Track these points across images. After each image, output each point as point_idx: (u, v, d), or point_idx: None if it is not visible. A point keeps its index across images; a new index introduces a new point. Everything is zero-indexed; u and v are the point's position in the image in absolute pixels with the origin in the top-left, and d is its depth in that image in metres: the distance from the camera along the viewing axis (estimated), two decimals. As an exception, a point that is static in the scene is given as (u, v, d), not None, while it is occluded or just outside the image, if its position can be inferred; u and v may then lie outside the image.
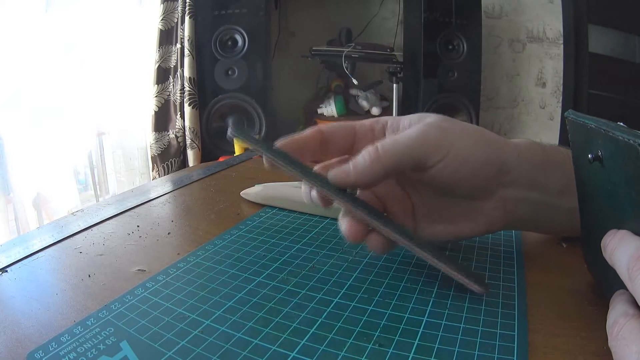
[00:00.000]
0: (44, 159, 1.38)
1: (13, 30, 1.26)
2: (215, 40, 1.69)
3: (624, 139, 0.20)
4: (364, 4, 2.12)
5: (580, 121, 0.25)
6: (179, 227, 0.42)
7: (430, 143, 0.28)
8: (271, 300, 0.28)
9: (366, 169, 0.27)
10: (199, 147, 1.74)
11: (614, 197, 0.23)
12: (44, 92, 1.37)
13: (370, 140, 0.31)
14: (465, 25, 1.74)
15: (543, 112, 2.01)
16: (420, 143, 0.28)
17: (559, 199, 0.31)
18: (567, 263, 0.33)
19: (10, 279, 0.32)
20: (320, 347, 0.24)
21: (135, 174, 1.75)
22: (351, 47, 1.85)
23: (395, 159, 0.27)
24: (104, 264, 0.34)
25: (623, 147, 0.21)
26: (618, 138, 0.21)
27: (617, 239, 0.22)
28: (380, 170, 0.27)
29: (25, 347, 0.24)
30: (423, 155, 0.28)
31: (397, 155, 0.28)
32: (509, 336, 0.24)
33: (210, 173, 0.60)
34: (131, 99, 1.70)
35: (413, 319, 0.26)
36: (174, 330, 0.25)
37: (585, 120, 0.24)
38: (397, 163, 0.28)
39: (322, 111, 1.98)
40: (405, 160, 0.28)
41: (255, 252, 0.35)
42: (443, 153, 0.28)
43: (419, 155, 0.28)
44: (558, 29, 1.87)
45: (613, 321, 0.21)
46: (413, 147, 0.28)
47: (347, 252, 0.35)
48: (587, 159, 0.24)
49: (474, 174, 0.29)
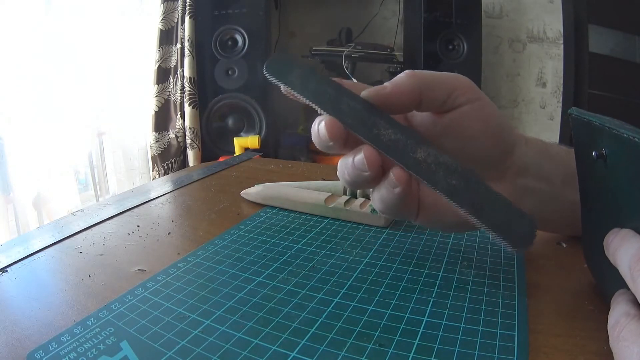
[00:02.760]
0: (44, 159, 1.38)
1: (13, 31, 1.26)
2: (215, 40, 1.69)
3: (629, 137, 0.20)
4: (364, 4, 2.12)
5: (584, 119, 0.25)
6: (179, 227, 0.42)
7: (464, 82, 0.28)
8: (271, 300, 0.28)
9: (405, 81, 0.27)
10: (199, 147, 1.74)
11: (617, 195, 0.23)
12: (44, 92, 1.37)
13: None
14: (466, 25, 1.74)
15: (543, 112, 2.01)
16: (454, 78, 0.28)
17: (563, 190, 0.31)
18: (567, 263, 0.33)
19: (10, 279, 0.32)
20: (321, 347, 0.24)
21: (135, 174, 1.75)
22: (351, 47, 1.84)
23: (430, 79, 0.27)
24: (104, 264, 0.34)
25: (628, 145, 0.21)
26: (623, 136, 0.21)
27: (620, 237, 0.22)
28: (417, 85, 0.27)
29: (26, 347, 0.24)
30: (456, 88, 0.28)
31: (433, 78, 0.28)
32: (509, 336, 0.24)
33: (211, 173, 0.60)
34: (131, 99, 1.70)
35: (413, 319, 0.26)
36: (174, 330, 0.25)
37: (590, 117, 0.24)
38: (433, 84, 0.27)
39: (322, 111, 1.97)
40: (440, 86, 0.28)
41: (256, 252, 0.35)
42: (472, 96, 0.28)
43: (452, 86, 0.28)
44: (558, 29, 1.87)
45: (614, 322, 0.21)
46: (448, 78, 0.28)
47: (347, 252, 0.35)
48: (590, 156, 0.24)
49: (493, 135, 0.29)
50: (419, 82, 0.27)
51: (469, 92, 0.28)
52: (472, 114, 0.28)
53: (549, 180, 0.31)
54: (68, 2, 1.43)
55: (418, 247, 0.36)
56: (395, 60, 1.83)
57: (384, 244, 0.36)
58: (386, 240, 0.37)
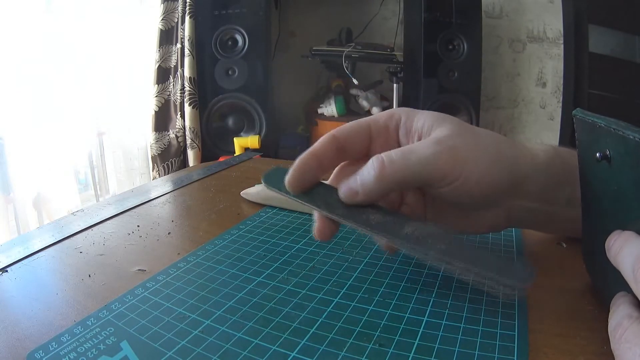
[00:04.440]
0: (44, 158, 1.38)
1: (13, 30, 1.26)
2: (215, 40, 1.69)
3: (634, 139, 0.20)
4: (364, 4, 2.12)
5: (588, 120, 0.25)
6: (179, 227, 0.42)
7: (439, 169, 0.27)
8: (271, 300, 0.28)
9: (373, 187, 0.27)
10: (199, 147, 1.74)
11: (620, 197, 0.23)
12: (44, 92, 1.37)
13: (385, 140, 0.31)
14: (466, 25, 1.74)
15: (543, 112, 2.01)
16: (430, 167, 0.27)
17: (565, 209, 0.31)
18: (567, 263, 0.33)
19: (10, 279, 0.32)
20: (321, 347, 0.24)
21: (135, 174, 1.75)
22: (351, 47, 1.84)
23: (400, 178, 0.27)
24: (104, 264, 0.34)
25: (633, 146, 0.20)
26: (629, 137, 0.21)
27: (622, 239, 0.22)
28: (385, 186, 0.27)
29: (26, 347, 0.24)
30: (432, 179, 0.27)
31: (404, 175, 0.27)
32: (509, 336, 0.24)
33: (211, 173, 0.60)
34: (131, 99, 1.70)
35: (413, 318, 0.26)
36: (174, 330, 0.25)
37: (594, 118, 0.24)
38: (403, 180, 0.27)
39: (323, 111, 1.98)
40: (411, 180, 0.27)
41: (256, 252, 0.35)
42: (450, 180, 0.27)
43: (425, 178, 0.27)
44: (558, 29, 1.87)
45: (616, 324, 0.20)
46: (422, 169, 0.27)
47: (347, 252, 0.35)
48: (594, 158, 0.24)
49: (485, 196, 0.28)
50: (389, 183, 0.27)
51: (446, 178, 0.27)
52: (453, 193, 0.27)
53: (552, 202, 0.31)
54: (68, 2, 1.43)
55: (418, 247, 0.36)
56: (395, 60, 1.83)
57: (384, 244, 0.36)
58: (386, 240, 0.37)
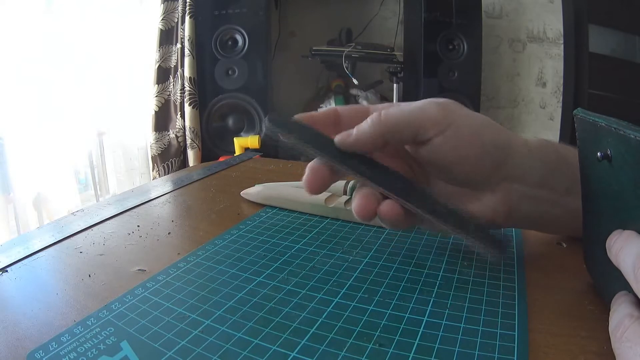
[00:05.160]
0: (44, 158, 1.38)
1: (13, 30, 1.26)
2: (215, 40, 1.69)
3: (635, 138, 0.20)
4: (364, 4, 2.12)
5: (589, 119, 0.25)
6: (179, 227, 0.42)
7: (430, 116, 0.29)
8: (271, 300, 0.28)
9: (367, 130, 0.28)
10: (199, 147, 1.74)
11: (621, 197, 0.23)
12: (44, 92, 1.37)
13: None
14: (466, 25, 1.74)
15: (543, 112, 2.01)
16: (419, 114, 0.29)
17: (566, 198, 0.31)
18: (567, 263, 0.33)
19: (10, 279, 0.32)
20: (321, 347, 0.24)
21: (135, 174, 1.75)
22: (351, 47, 1.84)
23: (394, 123, 0.28)
24: (104, 264, 0.34)
25: (634, 145, 0.20)
26: (630, 137, 0.21)
27: (623, 239, 0.22)
28: (379, 132, 0.28)
29: (26, 347, 0.24)
30: (421, 126, 0.28)
31: (397, 121, 0.29)
32: (509, 336, 0.24)
33: (211, 173, 0.60)
34: (131, 99, 1.70)
35: (413, 318, 0.26)
36: (174, 330, 0.25)
37: (595, 118, 0.24)
38: (396, 128, 0.29)
39: (323, 111, 1.97)
40: (403, 128, 0.29)
41: (256, 252, 0.35)
42: (441, 127, 0.28)
43: (417, 125, 0.29)
44: (558, 29, 1.87)
45: (617, 323, 0.20)
46: (413, 116, 0.29)
47: (347, 252, 0.35)
48: (594, 157, 0.24)
49: (476, 156, 0.29)
50: (382, 128, 0.28)
51: (437, 124, 0.28)
52: (445, 144, 0.29)
53: (551, 188, 0.31)
54: (68, 2, 1.43)
55: (418, 247, 0.36)
56: (395, 60, 1.83)
57: (384, 244, 0.36)
58: (386, 240, 0.37)
